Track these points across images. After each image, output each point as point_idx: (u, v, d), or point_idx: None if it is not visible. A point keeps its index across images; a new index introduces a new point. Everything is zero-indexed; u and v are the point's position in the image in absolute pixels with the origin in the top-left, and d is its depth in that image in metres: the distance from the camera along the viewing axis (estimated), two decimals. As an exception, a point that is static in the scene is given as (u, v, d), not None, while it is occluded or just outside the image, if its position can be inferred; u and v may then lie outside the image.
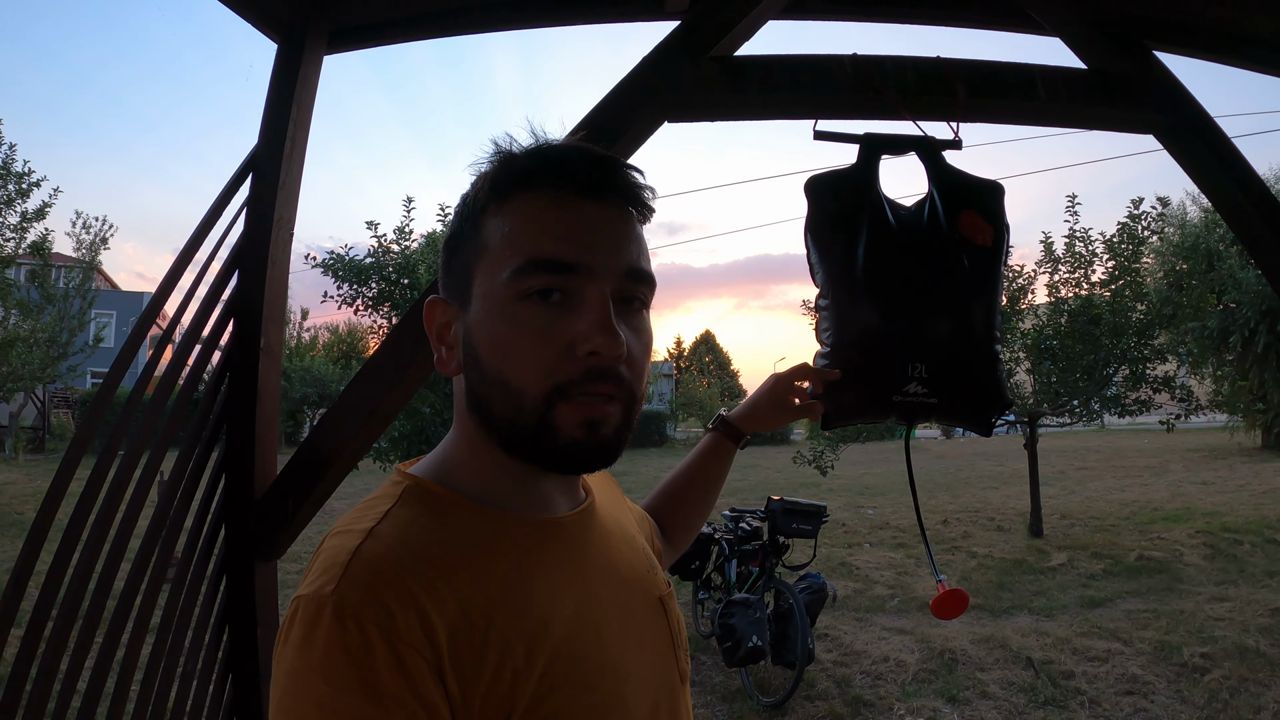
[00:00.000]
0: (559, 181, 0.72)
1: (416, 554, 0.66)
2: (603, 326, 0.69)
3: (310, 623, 0.61)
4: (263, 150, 1.97)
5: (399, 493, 0.74)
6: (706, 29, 1.69)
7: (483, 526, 0.73)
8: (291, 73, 2.02)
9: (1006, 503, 12.45)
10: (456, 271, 0.77)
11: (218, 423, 1.90)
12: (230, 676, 1.99)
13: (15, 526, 10.38)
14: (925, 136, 1.57)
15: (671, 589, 0.92)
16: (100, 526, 1.69)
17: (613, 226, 0.74)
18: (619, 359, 0.71)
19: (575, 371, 0.70)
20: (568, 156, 0.74)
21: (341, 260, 9.04)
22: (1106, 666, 5.22)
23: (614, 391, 0.72)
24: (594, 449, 0.72)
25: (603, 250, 0.72)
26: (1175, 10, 1.94)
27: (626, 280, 0.73)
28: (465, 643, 0.63)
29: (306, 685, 0.59)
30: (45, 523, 1.63)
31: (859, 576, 7.98)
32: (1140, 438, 23.72)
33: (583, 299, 0.71)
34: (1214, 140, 1.82)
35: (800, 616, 4.79)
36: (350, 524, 0.70)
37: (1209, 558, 8.19)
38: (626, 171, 0.75)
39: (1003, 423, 11.28)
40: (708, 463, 1.32)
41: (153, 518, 1.80)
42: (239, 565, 1.92)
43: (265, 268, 1.87)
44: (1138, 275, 9.61)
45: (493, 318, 0.72)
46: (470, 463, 0.77)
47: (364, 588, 0.62)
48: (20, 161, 16.58)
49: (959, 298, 1.41)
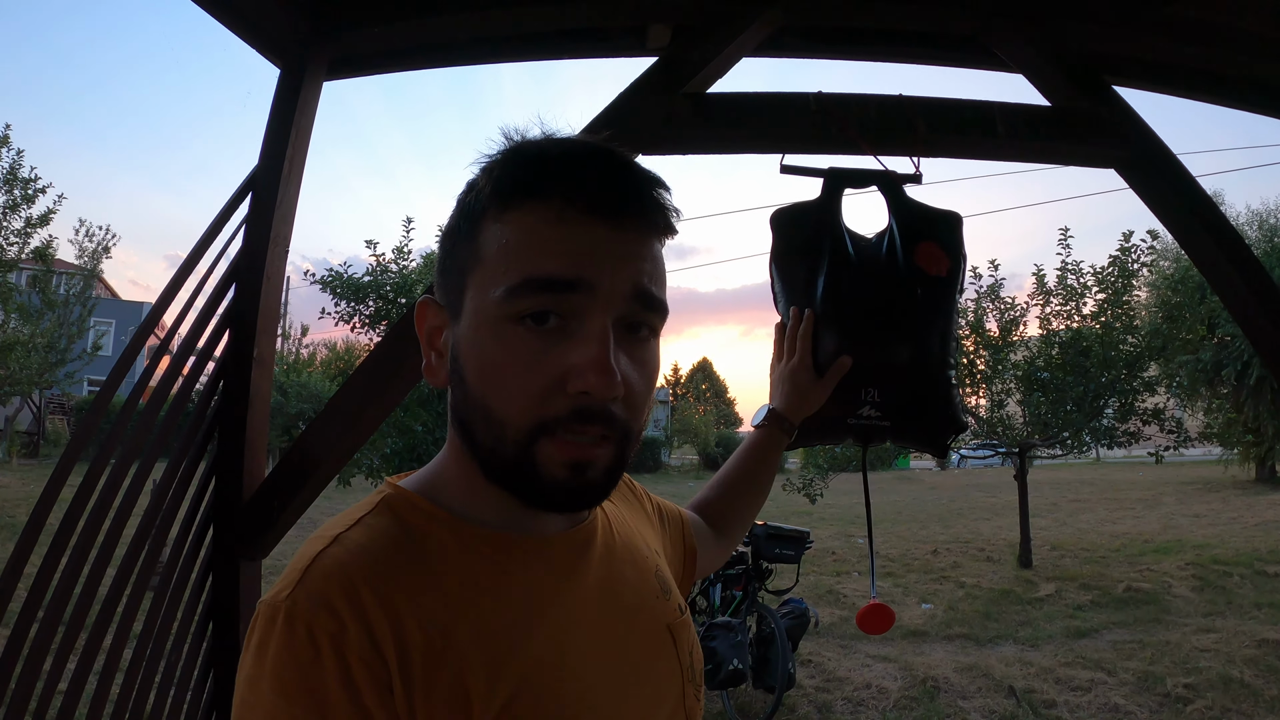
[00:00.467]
0: (570, 193, 0.65)
1: (377, 563, 0.64)
2: (598, 364, 0.63)
3: (265, 627, 0.60)
4: (262, 171, 2.06)
5: (378, 501, 0.71)
6: (680, 66, 1.79)
7: (459, 542, 0.69)
8: (292, 98, 2.11)
9: (998, 534, 12.50)
10: (451, 277, 0.71)
11: (210, 427, 1.97)
12: (211, 673, 2.04)
13: (8, 529, 10.37)
14: (886, 171, 1.66)
15: (686, 616, 0.86)
16: (91, 528, 1.75)
17: (626, 243, 0.66)
18: (613, 401, 0.65)
19: (563, 409, 0.64)
20: (580, 165, 0.66)
21: (340, 278, 9.13)
22: (1089, 696, 5.26)
23: (605, 432, 0.66)
24: (578, 492, 0.67)
25: (609, 269, 0.65)
26: (1135, 46, 2.03)
27: (634, 304, 0.66)
28: (419, 660, 0.61)
29: (257, 692, 0.58)
30: (38, 524, 1.70)
31: (846, 604, 8.01)
32: (1135, 470, 23.76)
33: (581, 325, 0.65)
34: (1173, 174, 1.90)
35: (781, 641, 4.84)
36: (323, 530, 0.68)
37: (1197, 589, 8.23)
38: (647, 185, 0.68)
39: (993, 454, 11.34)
40: (760, 455, 1.31)
41: (143, 516, 1.87)
42: (225, 563, 1.99)
43: (261, 283, 1.95)
44: (1128, 308, 9.73)
45: (482, 337, 0.66)
46: (458, 477, 0.73)
47: (317, 594, 0.60)
48: (27, 167, 16.80)
49: (912, 326, 1.48)
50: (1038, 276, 10.38)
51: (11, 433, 20.55)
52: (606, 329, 0.64)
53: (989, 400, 10.37)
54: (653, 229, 0.69)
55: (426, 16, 2.03)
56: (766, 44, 1.90)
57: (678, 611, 0.84)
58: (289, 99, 2.12)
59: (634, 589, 0.80)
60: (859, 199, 1.69)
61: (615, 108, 1.77)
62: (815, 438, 1.49)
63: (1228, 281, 1.95)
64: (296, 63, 2.14)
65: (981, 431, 10.51)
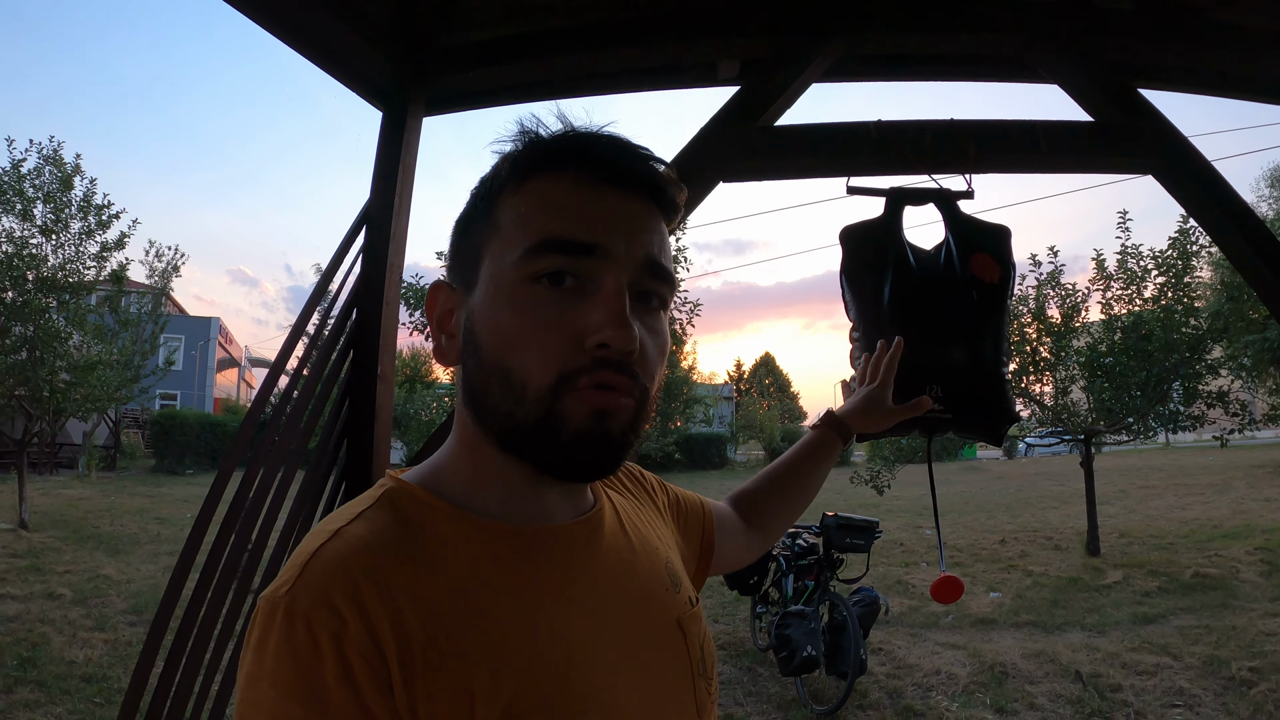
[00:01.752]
0: (582, 164, 0.68)
1: (377, 557, 0.63)
2: (616, 318, 0.64)
3: (265, 623, 0.60)
4: (374, 205, 2.31)
5: (379, 494, 0.70)
6: (754, 101, 1.99)
7: (461, 535, 0.68)
8: (396, 137, 2.36)
9: (1065, 522, 12.37)
10: (465, 253, 0.73)
11: (340, 439, 2.23)
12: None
13: (94, 540, 10.83)
14: (942, 189, 1.84)
15: (697, 609, 0.84)
16: (244, 530, 2.01)
17: (635, 215, 0.69)
18: (631, 355, 0.66)
19: (583, 362, 0.65)
20: (595, 141, 0.70)
21: (412, 289, 9.49)
22: (1154, 680, 5.29)
23: (626, 385, 0.66)
24: (599, 444, 0.67)
25: (623, 236, 0.67)
26: (1166, 54, 2.17)
27: (645, 273, 0.69)
28: (420, 656, 0.60)
29: (258, 690, 0.58)
30: (203, 527, 1.96)
31: (915, 594, 8.08)
32: (1205, 454, 23.12)
33: (597, 287, 0.66)
34: (1206, 178, 2.04)
35: (854, 628, 4.95)
36: (324, 524, 0.67)
37: (1265, 574, 8.11)
38: (655, 164, 0.71)
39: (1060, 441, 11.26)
40: (812, 455, 1.28)
41: (286, 520, 2.13)
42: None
43: (380, 307, 2.20)
44: (1189, 289, 9.59)
45: (498, 301, 0.67)
46: (463, 466, 0.73)
47: (316, 589, 0.60)
48: (100, 195, 17.58)
49: (971, 329, 1.66)
50: (1098, 261, 10.29)
51: (90, 447, 21.46)
52: (622, 288, 0.66)
53: (1053, 388, 10.30)
54: (659, 204, 0.71)
55: (512, 63, 2.27)
56: (830, 72, 2.09)
57: (688, 604, 0.82)
58: (394, 138, 2.37)
59: (643, 581, 0.79)
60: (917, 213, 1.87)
61: (699, 140, 1.98)
62: (888, 430, 1.69)
63: (1262, 279, 2.07)
64: (398, 105, 2.39)
65: (1047, 419, 10.42)
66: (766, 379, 57.75)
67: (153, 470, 22.66)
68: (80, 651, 5.90)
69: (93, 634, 6.37)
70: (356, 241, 2.28)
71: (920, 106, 2.13)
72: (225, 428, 24.56)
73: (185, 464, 22.88)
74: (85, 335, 17.59)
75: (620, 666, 0.70)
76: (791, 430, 34.58)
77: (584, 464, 0.68)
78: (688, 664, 0.78)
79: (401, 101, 2.39)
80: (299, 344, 2.15)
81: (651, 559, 0.82)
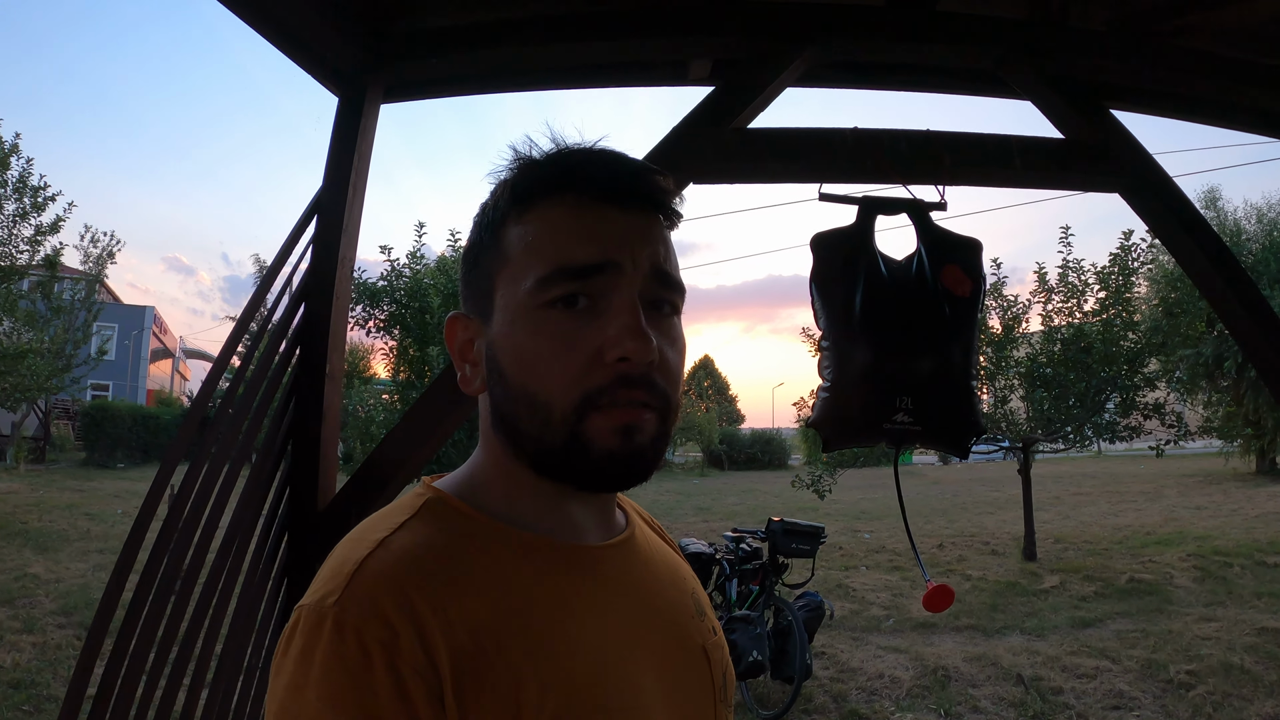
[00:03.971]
0: (581, 187, 0.70)
1: (427, 570, 0.63)
2: (632, 330, 0.66)
3: (310, 634, 0.59)
4: (326, 194, 2.21)
5: (419, 505, 0.70)
6: (727, 103, 1.95)
7: (504, 548, 0.69)
8: (352, 124, 2.26)
9: (1001, 527, 12.64)
10: (477, 284, 0.74)
11: (284, 440, 2.12)
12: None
13: (21, 536, 10.38)
14: (915, 199, 1.82)
15: (720, 637, 0.85)
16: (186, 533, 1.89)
17: (638, 229, 0.71)
18: (651, 365, 0.67)
19: (605, 379, 0.66)
20: (590, 161, 0.71)
21: (357, 284, 9.28)
22: (1095, 683, 5.41)
23: (648, 399, 0.68)
24: (629, 459, 0.68)
25: (628, 252, 0.69)
26: (1135, 76, 2.20)
27: (655, 283, 0.70)
28: (471, 669, 0.60)
29: (302, 700, 0.57)
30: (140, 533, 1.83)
31: (855, 598, 8.16)
32: (1136, 463, 23.91)
33: (609, 304, 0.68)
34: (1169, 197, 2.07)
35: (799, 632, 4.97)
36: (363, 533, 0.67)
37: (1199, 580, 8.38)
38: (652, 176, 0.73)
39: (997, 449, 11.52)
40: None
41: (228, 526, 2.02)
42: (300, 572, 2.14)
43: (331, 300, 2.10)
44: (1128, 304, 9.87)
45: (516, 329, 0.69)
46: (497, 482, 0.73)
47: (367, 601, 0.59)
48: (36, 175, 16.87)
49: (941, 341, 1.65)
50: (1039, 274, 10.52)
51: (19, 439, 20.64)
52: (635, 301, 0.68)
53: (992, 396, 10.51)
54: (660, 214, 0.73)
55: (477, 49, 2.19)
56: (804, 77, 2.06)
57: (711, 633, 0.83)
58: (349, 125, 2.27)
59: (671, 605, 0.79)
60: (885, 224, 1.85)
61: (669, 141, 1.93)
62: (851, 441, 1.66)
63: (1221, 296, 2.11)
64: (355, 90, 2.29)
65: (985, 427, 10.61)
66: (705, 381, 58.05)
67: (83, 463, 21.82)
68: (7, 655, 5.61)
69: (20, 637, 6.06)
70: (307, 232, 2.17)
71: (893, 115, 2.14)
72: (159, 420, 23.80)
73: (117, 457, 22.10)
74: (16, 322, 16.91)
75: (653, 688, 0.70)
76: (730, 433, 34.72)
77: (617, 477, 0.69)
78: (711, 690, 0.79)
79: (359, 87, 2.29)
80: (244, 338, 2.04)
81: (679, 586, 0.83)
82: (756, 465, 31.90)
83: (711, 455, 32.28)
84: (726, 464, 31.67)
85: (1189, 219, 2.04)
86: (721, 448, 32.20)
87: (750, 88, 1.95)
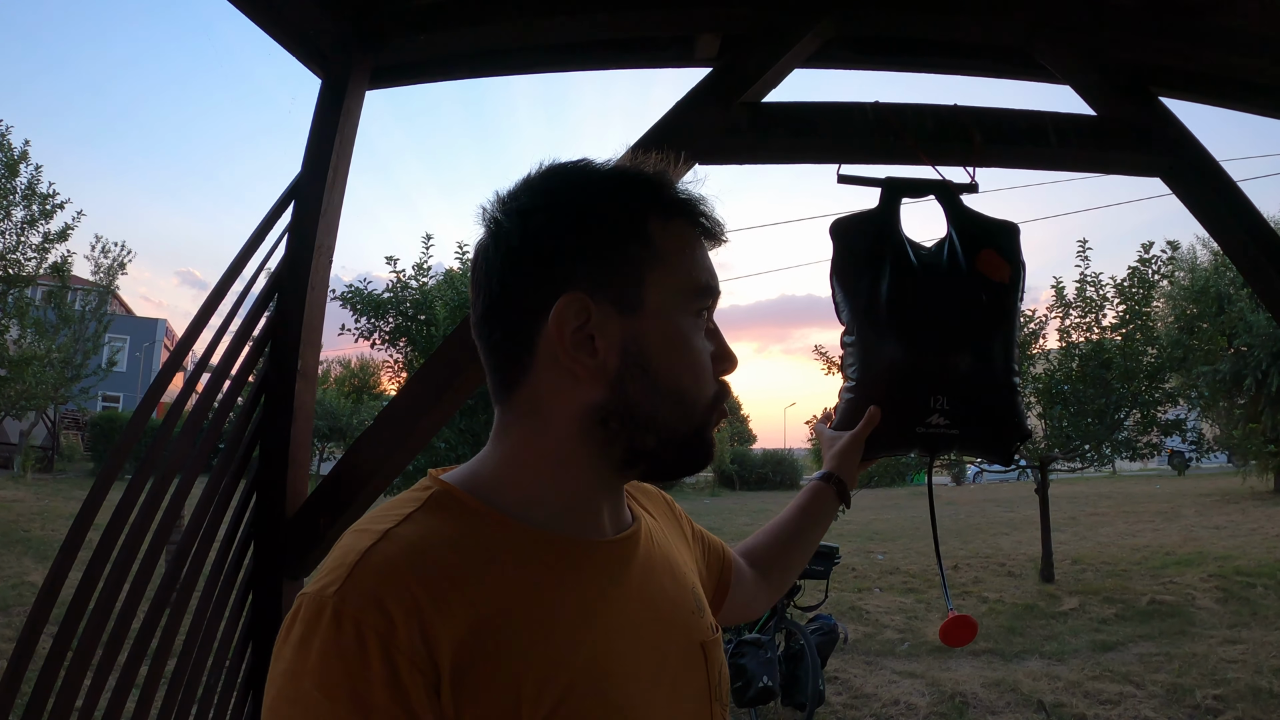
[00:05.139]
0: (706, 220, 0.78)
1: (430, 561, 0.63)
2: (731, 352, 0.80)
3: (310, 622, 0.59)
4: (305, 179, 2.05)
5: (425, 497, 0.70)
6: (736, 76, 1.78)
7: (507, 541, 0.69)
8: (335, 107, 2.11)
9: (1018, 548, 12.35)
10: (620, 271, 0.72)
11: (251, 443, 1.95)
12: (250, 695, 2.01)
13: (22, 544, 10.32)
14: (943, 180, 1.64)
15: (718, 635, 0.86)
16: (129, 547, 1.72)
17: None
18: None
19: (722, 389, 0.79)
20: (704, 200, 0.78)
21: (360, 294, 9.17)
22: (1119, 709, 5.17)
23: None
24: (712, 455, 0.78)
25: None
26: (1179, 57, 2.02)
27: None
28: (471, 662, 0.60)
29: (298, 688, 0.57)
30: (75, 543, 1.66)
31: (869, 620, 7.92)
32: (1152, 483, 23.53)
33: (712, 327, 0.80)
34: (1218, 182, 1.89)
35: (811, 657, 4.77)
36: (369, 523, 0.67)
37: (1221, 601, 8.11)
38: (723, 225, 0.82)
39: (1012, 468, 11.28)
40: (808, 508, 1.29)
41: (184, 535, 1.85)
42: (266, 582, 1.96)
43: (305, 292, 1.94)
44: (1148, 319, 9.65)
45: (675, 331, 0.74)
46: (510, 478, 0.73)
47: (367, 591, 0.60)
48: (45, 183, 16.93)
49: (978, 333, 1.46)
50: (1056, 289, 10.31)
51: (26, 447, 20.62)
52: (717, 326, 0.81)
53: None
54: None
55: (472, 26, 2.03)
56: (819, 55, 1.90)
57: (710, 630, 0.84)
58: (332, 108, 2.11)
59: (671, 601, 0.80)
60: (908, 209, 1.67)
61: (673, 117, 1.76)
62: (883, 449, 1.46)
63: (1272, 287, 1.92)
64: (340, 72, 2.13)
65: (1030, 431, 10.37)
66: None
67: (91, 474, 21.74)
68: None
69: (12, 645, 5.90)
70: (282, 219, 2.01)
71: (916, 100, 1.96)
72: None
73: (126, 469, 22.01)
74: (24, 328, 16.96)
75: (651, 685, 0.71)
76: (741, 453, 34.46)
77: (699, 467, 0.78)
78: (707, 688, 0.80)
79: (344, 66, 2.14)
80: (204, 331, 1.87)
81: (679, 582, 0.84)
82: (768, 485, 31.64)
83: (723, 475, 32.04)
84: (738, 484, 31.46)
85: (1238, 205, 1.85)
86: (733, 467, 31.96)
87: (760, 62, 1.77)
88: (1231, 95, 2.17)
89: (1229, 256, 2.00)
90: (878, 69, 2.09)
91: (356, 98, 2.15)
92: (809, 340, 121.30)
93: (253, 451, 1.96)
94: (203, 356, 1.88)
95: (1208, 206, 1.92)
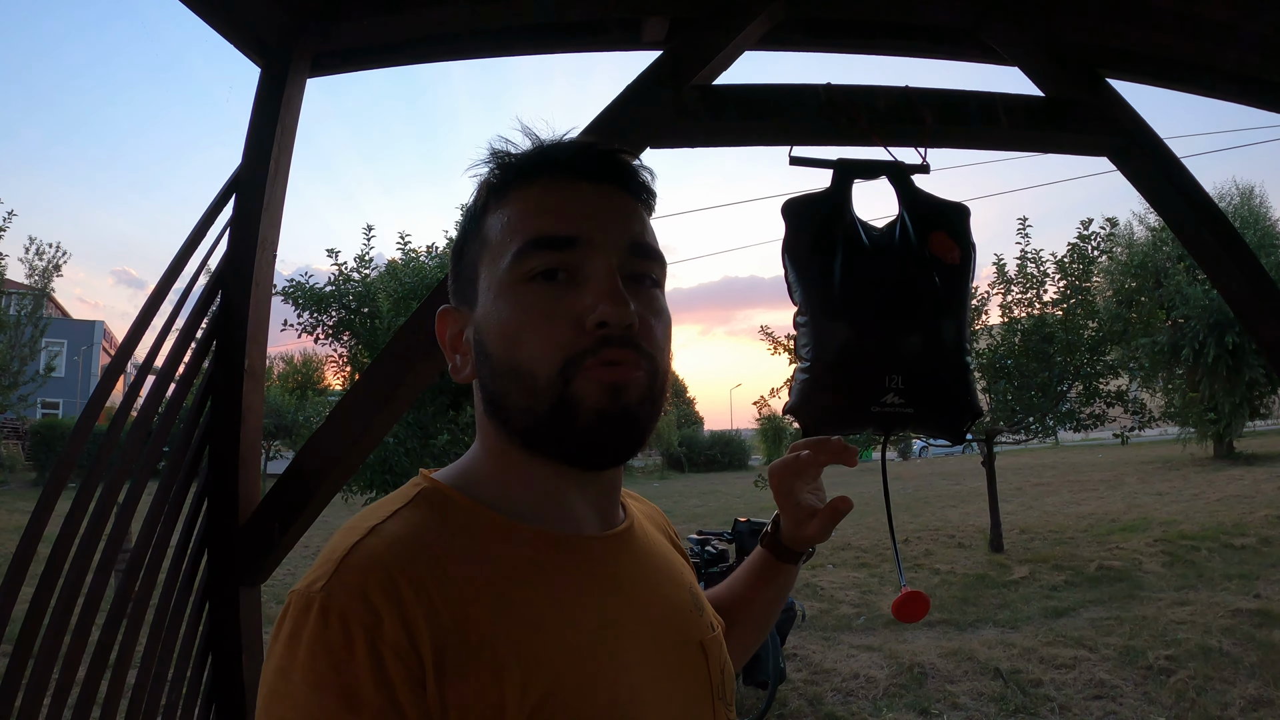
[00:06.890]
0: (552, 168, 0.73)
1: (414, 555, 0.63)
2: (609, 295, 0.67)
3: (298, 618, 0.59)
4: (246, 171, 1.99)
5: (414, 494, 0.71)
6: (686, 59, 1.77)
7: (494, 535, 0.69)
8: (275, 95, 2.04)
9: (966, 520, 12.62)
10: (463, 273, 0.76)
11: (200, 447, 1.89)
12: (214, 707, 1.96)
13: (-37, 559, 10.00)
14: (895, 161, 1.65)
15: (718, 634, 0.84)
16: (82, 557, 1.66)
17: (611, 204, 0.73)
18: (631, 328, 0.68)
19: (587, 343, 0.67)
20: (559, 144, 0.75)
21: (302, 288, 8.94)
22: (1074, 673, 5.32)
23: (634, 358, 0.68)
24: (619, 419, 0.67)
25: (602, 225, 0.71)
26: (1125, 39, 2.06)
27: (632, 255, 0.72)
28: (453, 653, 0.60)
29: (288, 682, 0.58)
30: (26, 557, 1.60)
31: (824, 596, 8.03)
32: (1094, 452, 24.24)
33: (587, 275, 0.69)
34: (1163, 161, 1.94)
35: (771, 636, 4.82)
36: (358, 521, 0.67)
37: (1167, 565, 8.39)
38: (620, 154, 0.75)
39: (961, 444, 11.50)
40: (757, 581, 1.09)
41: (135, 545, 1.79)
42: (222, 592, 1.91)
43: (250, 288, 1.88)
44: (1088, 294, 9.91)
45: (498, 305, 0.70)
46: (493, 473, 0.74)
47: (353, 586, 0.60)
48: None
49: (931, 313, 1.48)
50: (998, 266, 10.52)
51: (-37, 458, 19.85)
52: (612, 269, 0.69)
53: (956, 389, 10.45)
54: (631, 191, 0.75)
55: (415, 10, 1.98)
56: (770, 38, 1.89)
57: (710, 628, 0.82)
58: (272, 97, 2.05)
59: (667, 600, 0.79)
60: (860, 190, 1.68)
61: (623, 101, 1.74)
62: (834, 427, 1.47)
63: (1216, 261, 1.98)
64: (279, 59, 2.07)
65: (983, 409, 10.53)
66: (662, 384, 58.12)
67: (34, 484, 20.98)
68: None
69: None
70: (224, 213, 1.95)
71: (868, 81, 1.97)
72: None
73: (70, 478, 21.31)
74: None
75: (644, 683, 0.70)
76: (689, 435, 34.63)
77: (605, 445, 0.69)
78: (708, 686, 0.78)
79: (284, 53, 2.07)
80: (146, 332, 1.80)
81: (676, 581, 0.82)
82: (716, 467, 31.83)
83: (671, 458, 32.16)
84: (686, 466, 31.60)
85: (1183, 182, 1.91)
86: (680, 450, 32.10)
87: (711, 44, 1.76)
88: (1177, 77, 2.23)
89: (1174, 232, 2.06)
90: (829, 51, 2.10)
91: (297, 85, 2.08)
92: (753, 321, 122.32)
93: (202, 455, 1.89)
94: (146, 358, 1.81)
95: (1154, 184, 1.96)
